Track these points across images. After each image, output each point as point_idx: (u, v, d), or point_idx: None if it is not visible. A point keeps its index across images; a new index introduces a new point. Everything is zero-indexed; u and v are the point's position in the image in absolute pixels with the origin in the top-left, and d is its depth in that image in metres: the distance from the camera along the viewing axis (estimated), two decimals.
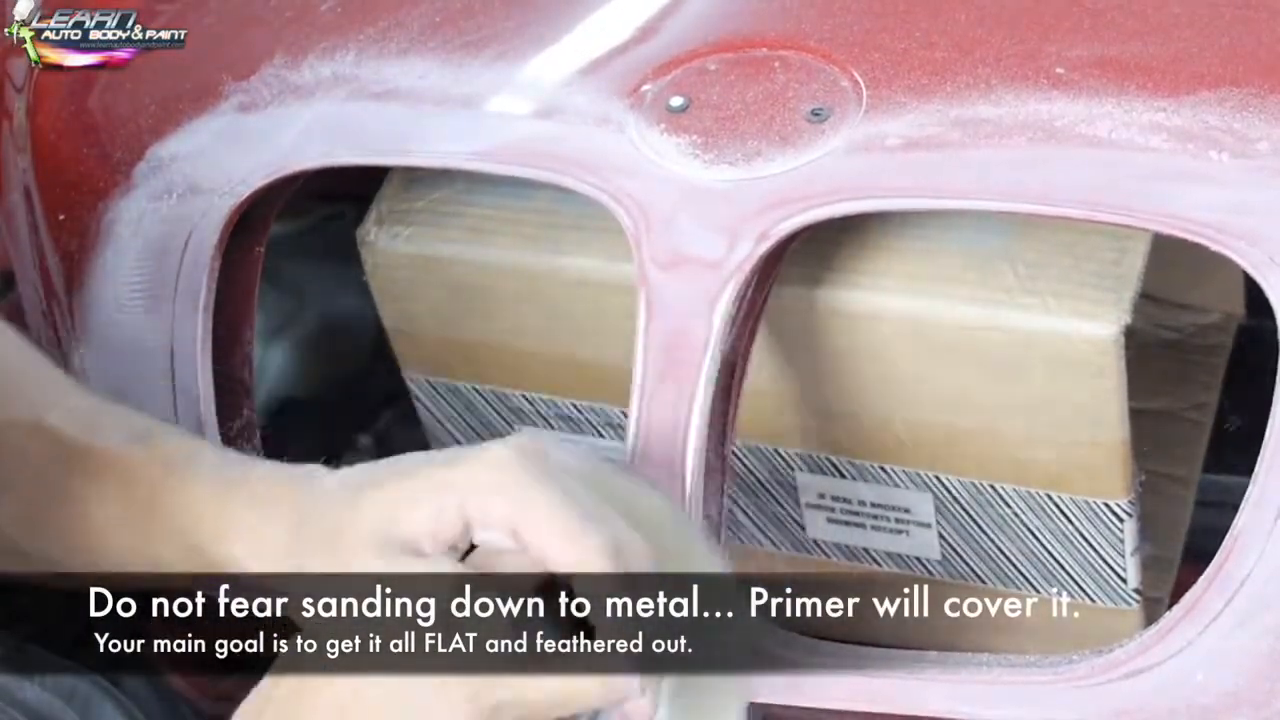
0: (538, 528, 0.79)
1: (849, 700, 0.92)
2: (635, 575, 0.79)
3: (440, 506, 0.79)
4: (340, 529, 0.80)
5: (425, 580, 0.77)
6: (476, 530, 0.80)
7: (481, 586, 0.78)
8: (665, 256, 0.99)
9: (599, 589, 0.78)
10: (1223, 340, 1.36)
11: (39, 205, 1.18)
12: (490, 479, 0.80)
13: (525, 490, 0.79)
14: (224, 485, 0.87)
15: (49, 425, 0.94)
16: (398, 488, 0.81)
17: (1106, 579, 1.12)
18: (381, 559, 0.78)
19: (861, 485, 1.14)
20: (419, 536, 0.79)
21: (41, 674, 1.13)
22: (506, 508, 0.79)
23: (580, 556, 0.78)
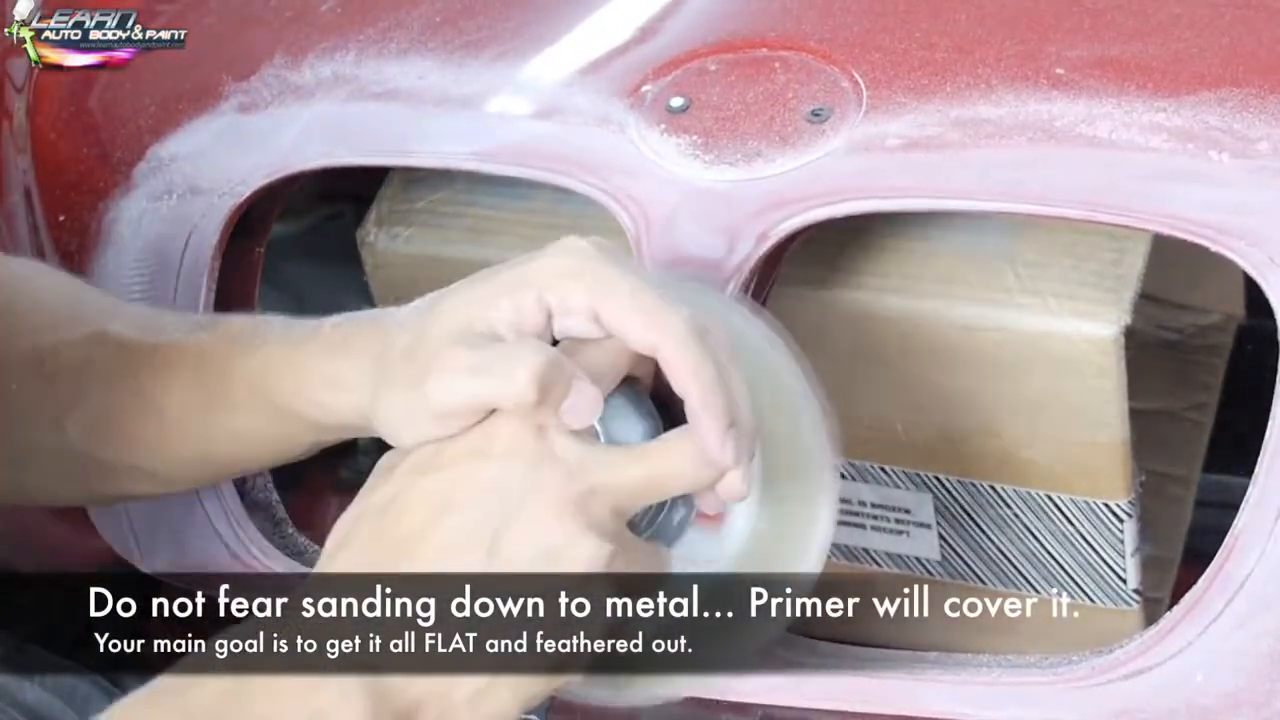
0: (619, 309, 0.77)
1: (849, 700, 0.92)
2: (719, 355, 0.78)
3: (520, 298, 0.78)
4: (422, 336, 0.79)
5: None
6: (557, 318, 0.78)
7: (569, 371, 0.76)
8: (665, 257, 0.99)
9: (685, 362, 0.77)
10: (1223, 340, 1.35)
11: (39, 205, 1.18)
12: (567, 266, 0.79)
13: (603, 273, 0.78)
14: (296, 342, 0.87)
15: (112, 333, 0.94)
16: (474, 289, 0.80)
17: (1106, 579, 1.12)
18: (468, 348, 0.77)
19: (861, 485, 1.14)
20: (500, 328, 0.78)
21: (41, 674, 1.13)
22: (586, 292, 0.78)
23: (664, 334, 0.77)
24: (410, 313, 0.83)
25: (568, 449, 0.76)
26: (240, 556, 1.05)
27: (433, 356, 0.78)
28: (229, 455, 0.93)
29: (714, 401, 0.77)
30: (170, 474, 0.95)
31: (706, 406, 0.77)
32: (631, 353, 0.79)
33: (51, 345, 0.94)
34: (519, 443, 0.76)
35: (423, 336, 0.79)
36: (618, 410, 0.79)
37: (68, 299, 0.98)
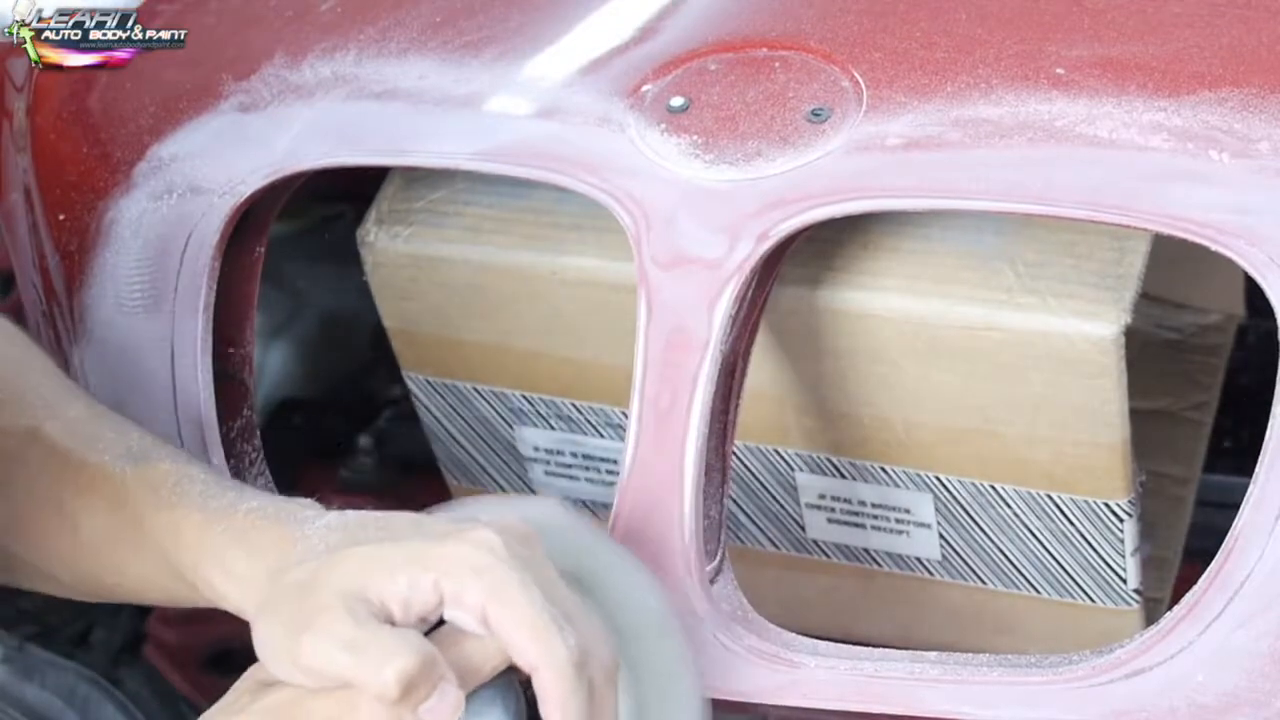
0: (508, 620, 0.79)
1: (849, 700, 0.92)
2: (593, 687, 0.79)
3: (417, 579, 0.79)
4: (315, 582, 0.80)
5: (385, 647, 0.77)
6: (448, 608, 0.80)
7: (437, 675, 0.77)
8: (665, 256, 0.99)
9: (557, 692, 0.78)
10: (1223, 340, 1.36)
11: (39, 205, 1.18)
12: (472, 562, 0.80)
13: (503, 580, 0.79)
14: (210, 515, 0.88)
15: (45, 434, 0.95)
16: (379, 551, 0.81)
17: (1106, 579, 1.12)
18: (350, 617, 0.78)
19: (861, 485, 1.14)
20: (391, 603, 0.79)
21: (41, 674, 1.13)
22: (481, 595, 0.79)
23: (544, 659, 0.78)
24: (322, 536, 0.84)
25: None
26: None
27: (318, 611, 0.79)
28: (128, 591, 0.94)
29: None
30: (74, 586, 0.97)
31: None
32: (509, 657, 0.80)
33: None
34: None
35: (316, 582, 0.80)
36: (483, 706, 0.80)
37: (13, 380, 0.98)
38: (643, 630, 0.88)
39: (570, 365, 1.15)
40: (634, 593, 0.89)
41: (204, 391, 1.07)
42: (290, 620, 0.79)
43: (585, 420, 1.19)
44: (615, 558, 0.89)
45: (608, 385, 1.14)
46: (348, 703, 0.78)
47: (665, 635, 0.88)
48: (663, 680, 0.87)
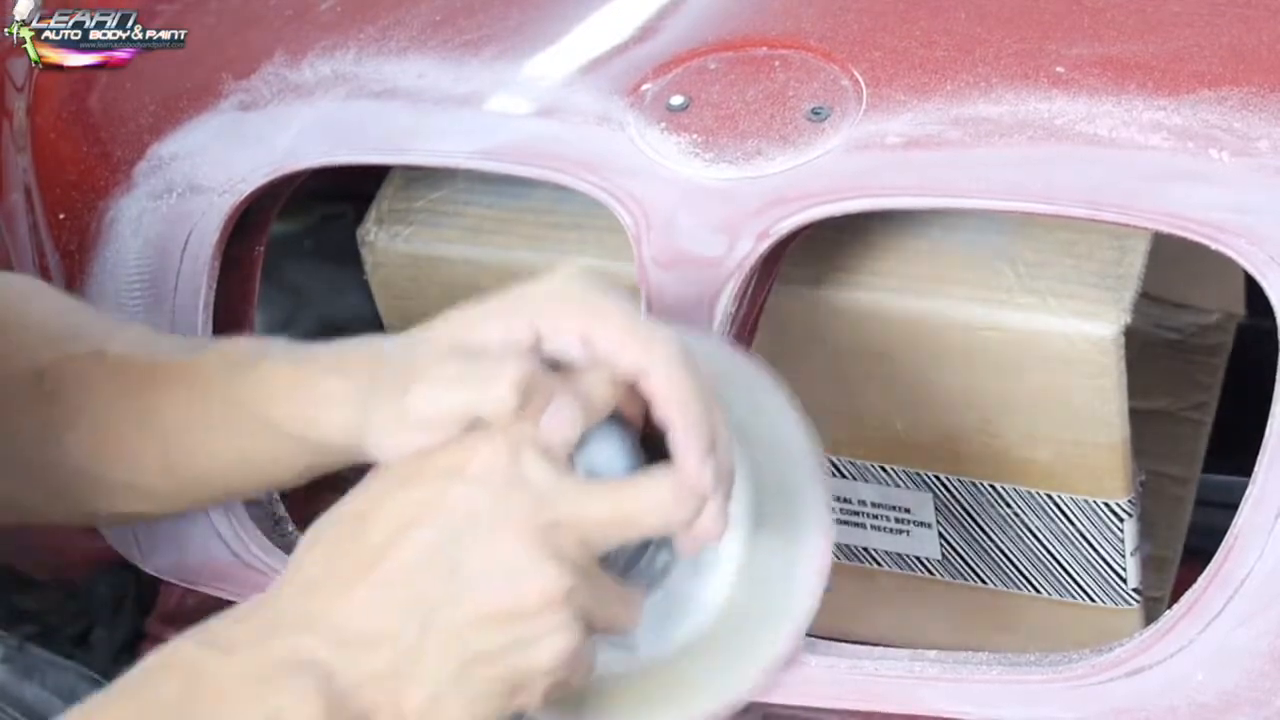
0: (609, 332, 0.78)
1: (849, 699, 0.92)
2: (706, 384, 0.78)
3: (512, 320, 0.79)
4: (413, 351, 0.80)
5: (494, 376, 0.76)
6: (547, 341, 0.79)
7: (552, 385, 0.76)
8: (666, 255, 0.99)
9: (671, 386, 0.77)
10: (1223, 340, 1.36)
11: (39, 205, 1.18)
12: (559, 291, 0.79)
13: (594, 299, 0.79)
14: (295, 363, 0.87)
15: (112, 351, 0.94)
16: (467, 312, 0.80)
17: (1106, 579, 1.12)
18: (454, 359, 0.77)
19: (861, 485, 1.14)
20: (490, 347, 0.78)
21: (41, 674, 1.13)
22: (577, 317, 0.78)
23: (652, 358, 0.77)
24: (405, 336, 0.83)
25: (541, 476, 0.76)
26: (240, 556, 1.05)
27: (421, 368, 0.78)
28: (225, 476, 0.93)
29: (696, 426, 0.77)
30: (167, 493, 0.95)
31: (688, 430, 0.77)
32: (620, 388, 0.79)
33: (51, 362, 0.95)
34: (493, 465, 0.76)
35: (412, 351, 0.80)
36: (599, 444, 0.79)
37: (68, 317, 0.98)
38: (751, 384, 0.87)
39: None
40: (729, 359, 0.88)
41: None
42: (395, 390, 0.79)
43: None
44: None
45: None
46: (466, 448, 0.77)
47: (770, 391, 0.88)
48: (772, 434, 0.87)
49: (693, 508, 0.77)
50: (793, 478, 0.86)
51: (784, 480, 0.86)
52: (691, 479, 0.77)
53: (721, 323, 0.97)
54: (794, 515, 0.85)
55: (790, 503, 0.86)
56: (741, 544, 0.84)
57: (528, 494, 0.76)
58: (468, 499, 0.76)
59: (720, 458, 0.78)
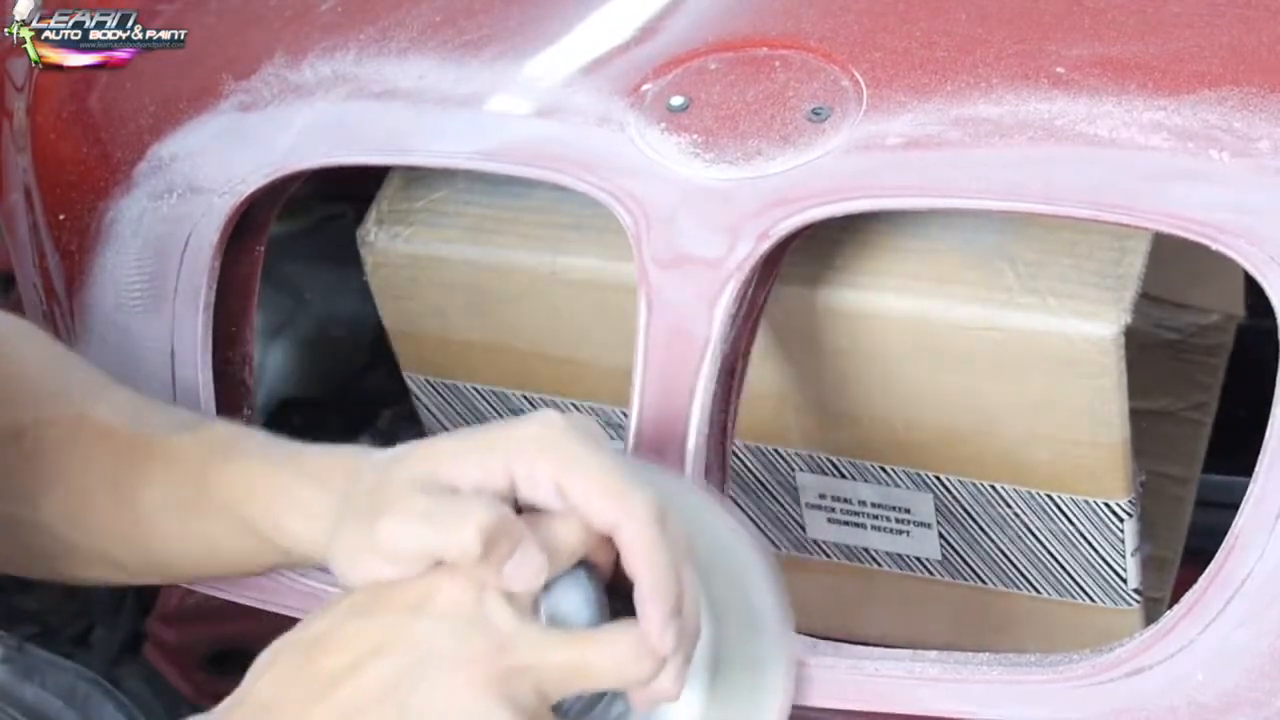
0: (584, 485, 0.78)
1: (849, 700, 0.92)
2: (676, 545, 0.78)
3: (487, 462, 0.78)
4: (386, 478, 0.79)
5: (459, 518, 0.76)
6: (522, 488, 0.79)
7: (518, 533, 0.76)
8: (666, 256, 0.99)
9: (642, 544, 0.77)
10: (1223, 340, 1.36)
11: (39, 205, 1.18)
12: (539, 437, 0.79)
13: (573, 450, 0.78)
14: (274, 462, 0.87)
15: (94, 418, 0.94)
16: (446, 442, 0.80)
17: (1106, 579, 1.12)
18: (424, 494, 0.77)
19: (861, 485, 1.14)
20: (463, 486, 0.78)
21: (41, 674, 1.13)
22: (554, 466, 0.78)
23: (625, 515, 0.77)
24: (389, 454, 0.83)
25: (502, 620, 0.76)
26: None
27: (391, 499, 0.78)
28: (193, 560, 0.93)
29: (662, 586, 0.77)
30: (136, 567, 0.96)
31: (654, 590, 0.77)
32: (591, 536, 0.79)
33: (33, 421, 0.95)
34: (456, 604, 0.76)
35: (387, 478, 0.80)
36: (565, 591, 0.79)
37: (56, 374, 0.98)
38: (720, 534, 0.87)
39: (570, 365, 1.15)
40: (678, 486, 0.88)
41: (204, 391, 1.07)
42: (364, 517, 0.78)
43: None
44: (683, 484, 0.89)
45: (608, 385, 1.14)
46: (429, 584, 0.77)
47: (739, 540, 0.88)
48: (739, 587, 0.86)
49: (652, 667, 0.77)
50: (757, 630, 0.87)
51: (748, 631, 0.86)
52: (654, 639, 0.77)
53: (721, 323, 0.97)
54: (755, 667, 0.86)
55: (752, 653, 0.86)
56: (699, 696, 0.84)
57: (488, 637, 0.76)
58: (428, 635, 0.76)
59: (685, 620, 0.78)
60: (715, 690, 0.84)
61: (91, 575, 0.98)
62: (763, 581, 0.88)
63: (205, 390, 1.07)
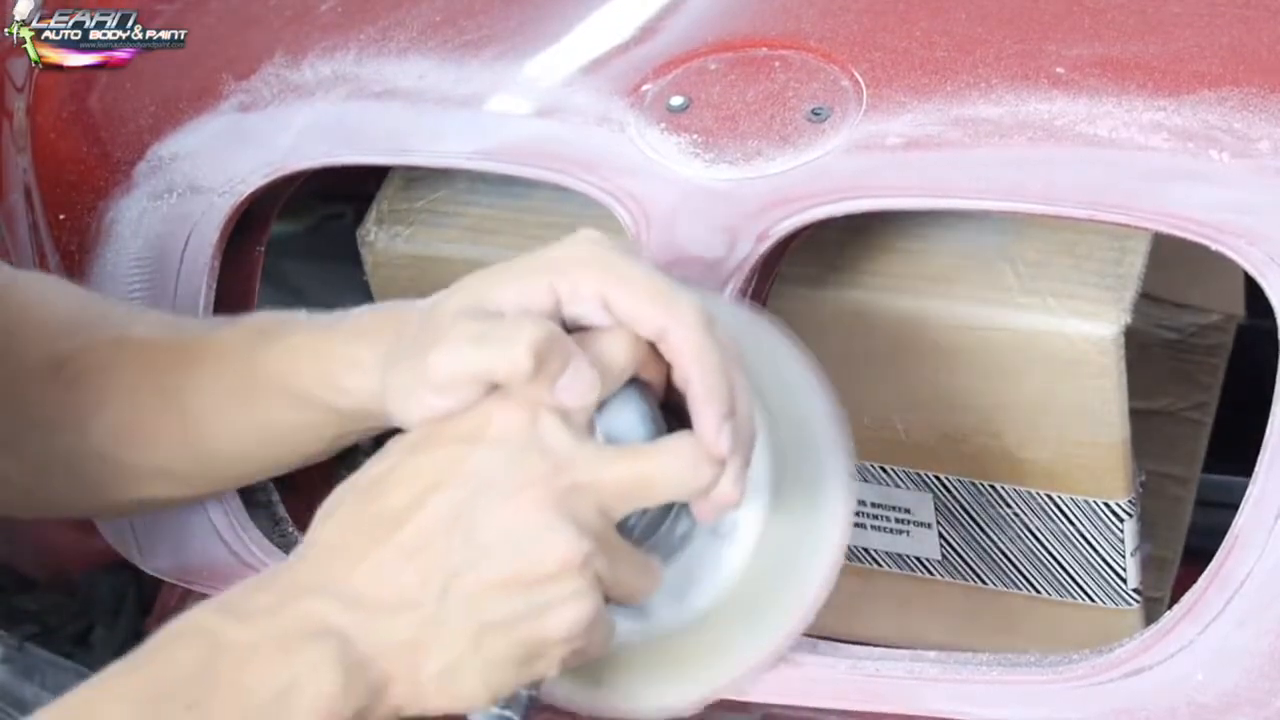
0: (629, 293, 0.77)
1: (849, 699, 0.92)
2: (726, 346, 0.78)
3: (530, 281, 0.78)
4: (433, 316, 0.79)
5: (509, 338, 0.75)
6: (567, 305, 0.78)
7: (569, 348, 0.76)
8: (666, 256, 0.99)
9: (691, 346, 0.77)
10: (1223, 340, 1.35)
11: (39, 205, 1.18)
12: (579, 254, 0.79)
13: (614, 262, 0.78)
14: (320, 330, 0.87)
15: (134, 336, 0.94)
16: (487, 275, 0.80)
17: (1106, 579, 1.12)
18: (473, 319, 0.77)
19: (861, 485, 1.14)
20: (508, 310, 0.78)
21: (41, 674, 1.13)
22: (597, 278, 0.78)
23: (672, 319, 0.77)
24: (428, 301, 0.83)
25: (559, 441, 0.76)
26: (240, 556, 1.05)
27: (439, 331, 0.78)
28: (254, 452, 0.93)
29: (715, 388, 0.77)
30: (195, 474, 0.95)
31: (707, 392, 0.77)
32: (641, 351, 0.78)
33: (70, 352, 0.95)
34: (511, 429, 0.76)
35: (433, 317, 0.79)
36: (619, 409, 0.78)
37: (88, 308, 0.98)
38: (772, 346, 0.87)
39: None
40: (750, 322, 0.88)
41: None
42: (415, 353, 0.78)
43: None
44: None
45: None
46: (483, 412, 0.76)
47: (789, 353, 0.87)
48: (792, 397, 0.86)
49: (711, 473, 0.77)
50: (813, 445, 0.86)
51: (804, 448, 0.85)
52: (710, 443, 0.76)
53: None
54: (814, 483, 0.85)
55: (810, 470, 0.85)
56: (761, 512, 0.83)
57: (545, 458, 0.75)
58: (485, 463, 0.75)
59: (740, 422, 0.77)
60: (777, 506, 0.83)
61: (146, 495, 0.97)
62: (817, 398, 0.86)
63: None
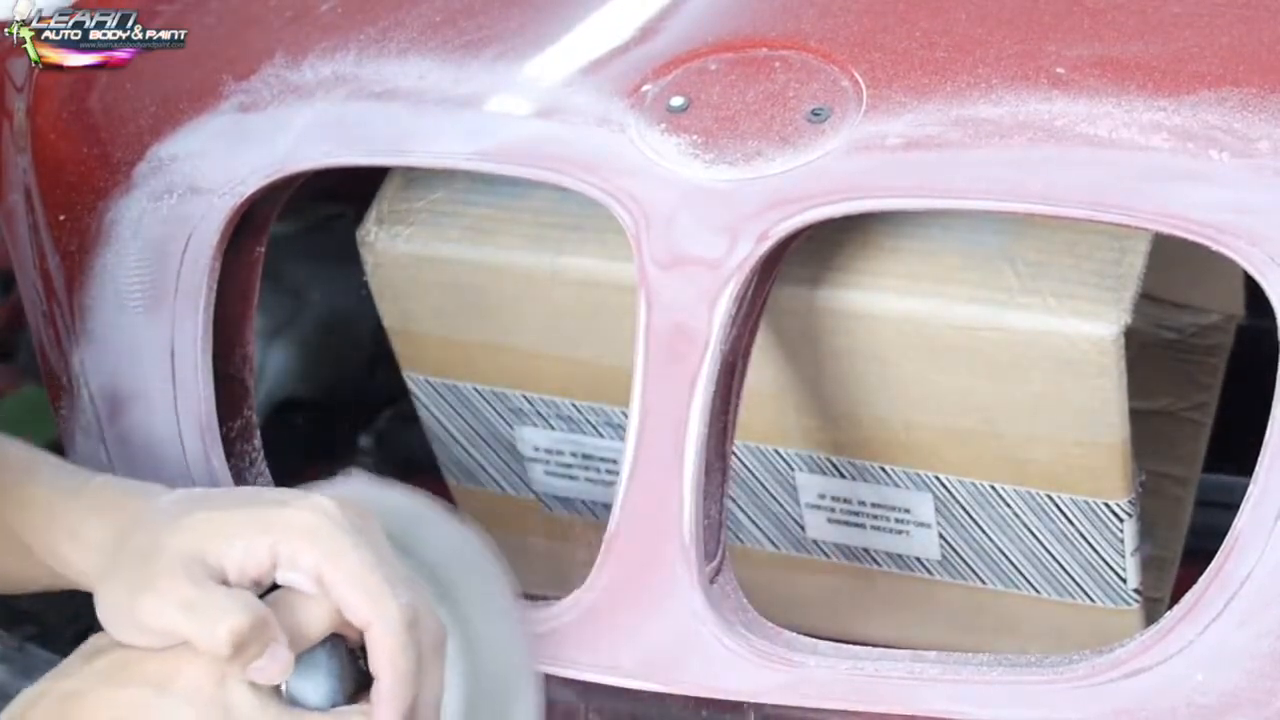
0: (342, 580, 0.81)
1: (849, 700, 0.92)
2: (421, 649, 0.82)
3: (253, 542, 0.81)
4: (156, 546, 0.82)
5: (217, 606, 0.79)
6: (282, 570, 0.82)
7: (269, 635, 0.79)
8: (665, 256, 0.99)
9: (387, 648, 0.81)
10: (1223, 340, 1.36)
11: (39, 205, 1.18)
12: (307, 525, 0.82)
13: (338, 542, 0.81)
14: (60, 491, 0.90)
15: None
16: (218, 516, 0.83)
17: (1106, 579, 1.12)
18: (188, 579, 0.80)
19: (861, 485, 1.14)
20: (228, 565, 0.81)
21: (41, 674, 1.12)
22: (316, 556, 0.81)
23: (377, 616, 0.80)
24: (170, 505, 0.86)
25: (243, 705, 0.79)
26: None
27: (157, 574, 0.81)
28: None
29: (398, 695, 0.81)
30: None
31: (390, 694, 0.81)
32: (339, 620, 0.82)
33: None
34: (198, 686, 0.79)
35: (157, 546, 0.82)
36: (311, 668, 0.82)
37: None
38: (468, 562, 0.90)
39: (570, 365, 1.15)
40: (450, 541, 0.91)
41: (204, 391, 1.07)
42: (132, 582, 0.81)
43: (585, 420, 1.19)
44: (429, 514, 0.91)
45: (608, 385, 1.14)
46: (176, 661, 0.79)
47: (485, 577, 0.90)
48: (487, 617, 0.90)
49: None
50: (506, 697, 0.89)
51: (496, 699, 0.89)
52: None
53: (721, 323, 0.97)
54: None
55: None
56: None
57: (227, 718, 0.79)
58: (169, 713, 0.79)
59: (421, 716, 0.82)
60: None
61: None
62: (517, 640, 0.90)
63: (205, 390, 1.07)
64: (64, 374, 1.13)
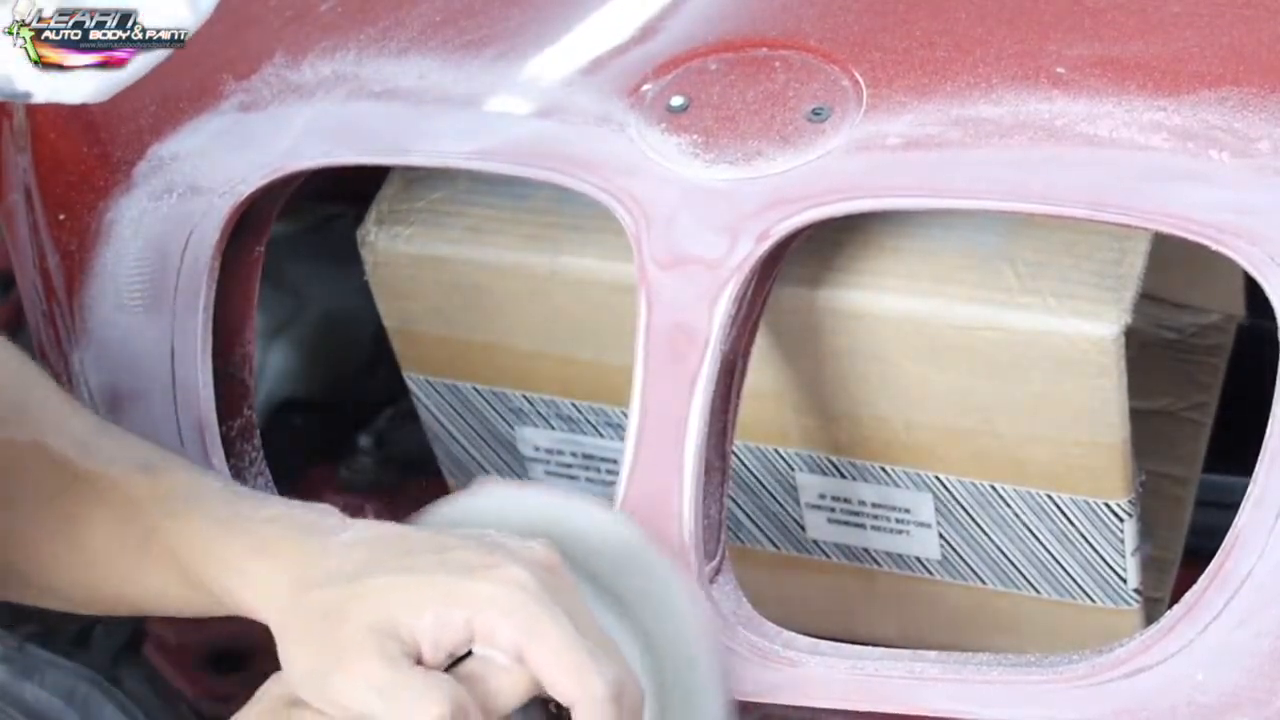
0: (544, 659, 0.79)
1: (849, 700, 0.92)
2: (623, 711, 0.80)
3: (448, 616, 0.79)
4: (344, 612, 0.80)
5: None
6: (479, 645, 0.80)
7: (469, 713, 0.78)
8: (665, 256, 0.99)
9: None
10: (1223, 340, 1.36)
11: (39, 205, 1.18)
12: (504, 601, 0.80)
13: (537, 618, 0.79)
14: (227, 525, 0.87)
15: (50, 447, 0.94)
16: (407, 584, 0.81)
17: (1106, 579, 1.12)
18: (381, 659, 0.78)
19: (861, 485, 1.14)
20: (422, 640, 0.79)
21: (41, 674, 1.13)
22: (516, 634, 0.79)
23: (583, 695, 0.79)
24: (344, 554, 0.83)
25: None
26: None
27: (348, 647, 0.79)
28: (132, 600, 0.93)
29: None
30: (77, 599, 0.96)
31: None
32: (536, 688, 0.80)
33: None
34: None
35: (345, 613, 0.80)
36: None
37: (15, 393, 0.97)
38: (671, 646, 0.89)
39: (570, 365, 1.15)
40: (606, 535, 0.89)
41: (204, 391, 1.07)
42: (320, 651, 0.80)
43: (585, 420, 1.19)
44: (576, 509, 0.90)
45: (608, 385, 1.14)
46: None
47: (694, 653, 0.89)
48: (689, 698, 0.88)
49: None
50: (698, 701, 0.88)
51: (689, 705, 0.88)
52: None
53: (721, 323, 0.97)
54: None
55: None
56: None
57: None
58: None
59: None
60: None
61: (31, 600, 0.98)
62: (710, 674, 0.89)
63: (205, 390, 1.07)
64: (64, 373, 1.13)
